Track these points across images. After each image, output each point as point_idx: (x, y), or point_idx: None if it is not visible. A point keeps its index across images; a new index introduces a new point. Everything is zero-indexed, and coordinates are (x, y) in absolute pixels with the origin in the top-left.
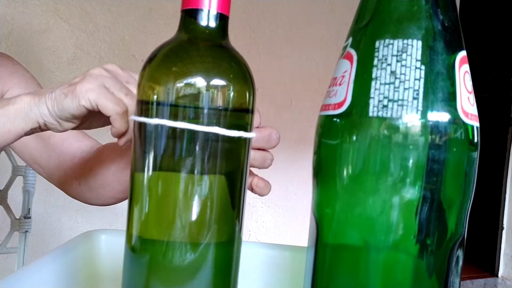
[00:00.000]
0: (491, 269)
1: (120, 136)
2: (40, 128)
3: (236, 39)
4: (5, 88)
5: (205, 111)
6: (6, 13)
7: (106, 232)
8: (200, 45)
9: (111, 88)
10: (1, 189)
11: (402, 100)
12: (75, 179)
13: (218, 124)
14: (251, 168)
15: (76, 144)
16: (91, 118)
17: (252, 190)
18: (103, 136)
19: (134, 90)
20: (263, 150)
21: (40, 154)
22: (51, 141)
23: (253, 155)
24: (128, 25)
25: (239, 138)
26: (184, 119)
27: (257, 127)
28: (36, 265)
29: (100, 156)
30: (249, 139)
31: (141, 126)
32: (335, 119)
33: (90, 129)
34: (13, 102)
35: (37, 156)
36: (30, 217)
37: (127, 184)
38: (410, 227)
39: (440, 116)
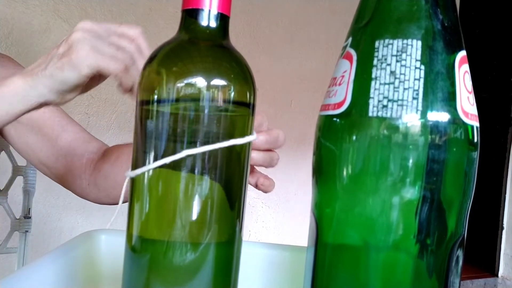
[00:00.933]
0: (491, 269)
1: (128, 91)
2: (41, 106)
3: (237, 39)
4: None
5: (206, 111)
6: (6, 13)
7: (106, 232)
8: (201, 45)
9: (101, 49)
10: (1, 189)
11: (402, 100)
12: (84, 179)
13: (219, 123)
14: (257, 167)
15: (83, 145)
16: (89, 82)
17: (257, 188)
18: (103, 136)
19: (117, 41)
20: (270, 150)
21: (47, 155)
22: (58, 142)
23: (262, 157)
24: None
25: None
26: (184, 119)
27: (265, 130)
28: (36, 265)
29: (109, 158)
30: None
31: (142, 126)
32: (335, 119)
33: (86, 92)
34: (5, 84)
35: (44, 158)
36: (30, 217)
37: None
38: (410, 227)
39: (440, 116)
